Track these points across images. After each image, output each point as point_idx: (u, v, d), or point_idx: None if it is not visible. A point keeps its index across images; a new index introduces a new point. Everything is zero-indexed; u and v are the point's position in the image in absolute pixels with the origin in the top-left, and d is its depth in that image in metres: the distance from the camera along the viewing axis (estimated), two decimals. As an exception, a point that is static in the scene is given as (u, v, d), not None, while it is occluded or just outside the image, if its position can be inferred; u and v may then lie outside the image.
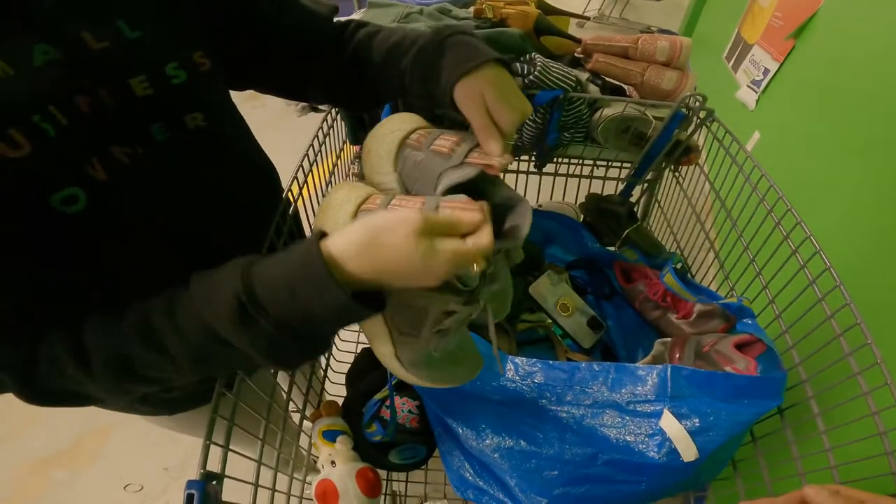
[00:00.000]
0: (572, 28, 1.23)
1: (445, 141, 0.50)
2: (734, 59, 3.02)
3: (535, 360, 0.63)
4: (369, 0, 1.05)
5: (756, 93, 2.20)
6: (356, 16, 1.01)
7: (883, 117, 1.14)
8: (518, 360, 0.63)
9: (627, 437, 0.57)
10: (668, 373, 0.59)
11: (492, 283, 0.46)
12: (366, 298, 0.37)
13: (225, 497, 0.45)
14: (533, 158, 0.95)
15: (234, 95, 0.57)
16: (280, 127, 2.52)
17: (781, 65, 2.07)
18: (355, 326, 0.50)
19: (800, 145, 1.63)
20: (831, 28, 1.75)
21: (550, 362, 0.62)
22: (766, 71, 2.22)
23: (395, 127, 0.54)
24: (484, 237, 0.37)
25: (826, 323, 0.58)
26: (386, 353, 0.50)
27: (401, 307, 0.46)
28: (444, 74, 0.49)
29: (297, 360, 0.41)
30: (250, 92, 0.61)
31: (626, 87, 0.92)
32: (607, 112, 0.84)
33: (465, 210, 0.40)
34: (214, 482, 0.45)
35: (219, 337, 0.37)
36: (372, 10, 1.01)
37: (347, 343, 0.92)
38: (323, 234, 0.38)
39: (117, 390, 0.41)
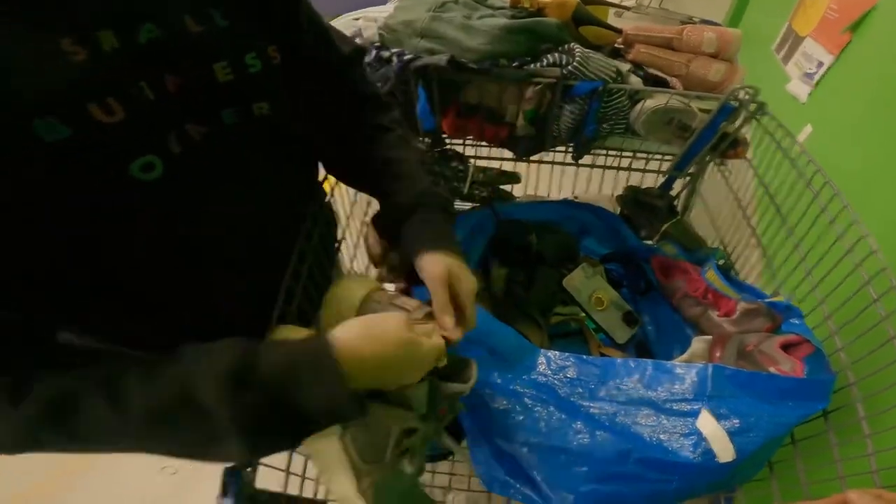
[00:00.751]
0: (611, 18, 1.19)
1: (406, 304, 0.55)
2: (784, 51, 2.94)
3: (567, 353, 0.62)
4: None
5: (809, 86, 2.13)
6: (390, 5, 1.00)
7: None
8: (550, 353, 0.63)
9: (661, 436, 0.56)
10: (710, 371, 0.58)
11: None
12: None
13: (258, 484, 0.47)
14: (570, 149, 0.94)
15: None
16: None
17: (837, 58, 2.01)
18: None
19: (854, 140, 1.59)
20: (892, 22, 1.69)
21: (584, 357, 0.62)
22: (820, 64, 2.16)
23: (358, 287, 0.58)
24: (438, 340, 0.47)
25: (879, 326, 0.56)
26: (346, 491, 0.45)
27: (363, 430, 0.47)
28: (411, 241, 0.56)
29: (273, 445, 0.40)
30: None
31: (669, 79, 0.90)
32: (649, 104, 0.82)
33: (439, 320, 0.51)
34: (250, 469, 0.47)
35: (192, 401, 0.35)
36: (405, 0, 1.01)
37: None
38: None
39: (26, 439, 0.36)
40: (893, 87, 1.45)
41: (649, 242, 0.95)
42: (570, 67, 0.81)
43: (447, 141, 0.92)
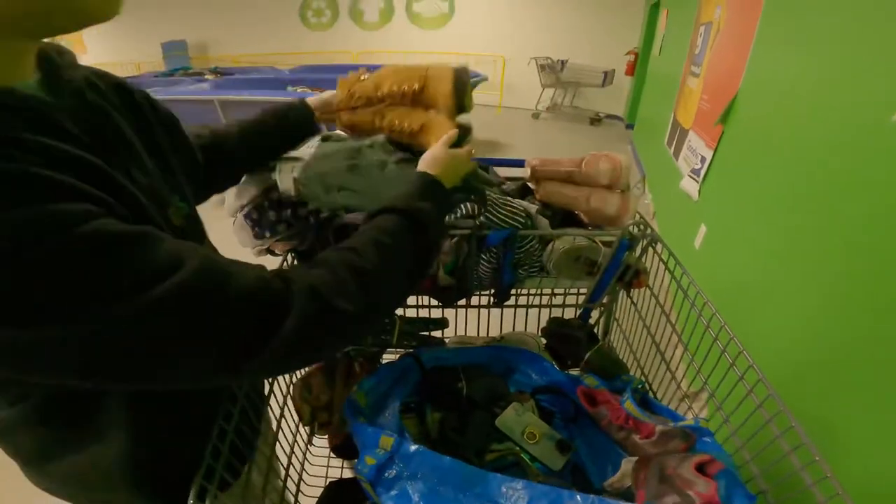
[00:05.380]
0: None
1: None
2: (674, 145, 3.18)
3: (520, 480, 0.68)
4: (324, 134, 1.09)
5: (697, 182, 2.25)
6: (306, 150, 1.03)
7: (819, 199, 1.24)
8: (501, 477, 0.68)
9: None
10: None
11: None
12: None
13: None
14: (493, 293, 0.99)
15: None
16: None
17: (715, 152, 2.11)
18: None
19: (744, 237, 1.69)
20: (754, 110, 1.81)
21: (535, 484, 0.67)
22: (703, 159, 2.25)
23: None
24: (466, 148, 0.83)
25: (774, 442, 0.68)
26: None
27: None
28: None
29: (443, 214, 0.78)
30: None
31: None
32: (558, 245, 0.91)
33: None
34: None
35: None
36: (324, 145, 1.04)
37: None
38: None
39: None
40: (768, 177, 1.57)
41: (575, 371, 0.99)
42: (481, 218, 0.87)
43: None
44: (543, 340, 1.13)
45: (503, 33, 8.83)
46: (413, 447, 0.72)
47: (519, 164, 1.17)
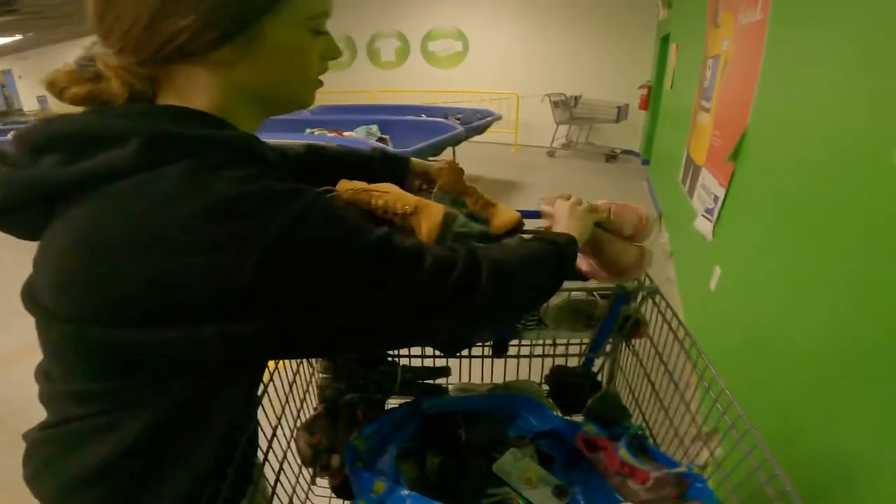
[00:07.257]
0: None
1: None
2: (688, 182, 3.19)
3: None
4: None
5: (711, 222, 2.25)
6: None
7: (833, 238, 1.24)
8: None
9: None
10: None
11: None
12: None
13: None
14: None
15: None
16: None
17: (728, 190, 2.10)
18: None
19: (759, 279, 1.69)
20: (764, 145, 1.79)
21: None
22: (716, 198, 2.24)
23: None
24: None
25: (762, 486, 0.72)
26: None
27: None
28: None
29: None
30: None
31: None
32: (553, 300, 0.94)
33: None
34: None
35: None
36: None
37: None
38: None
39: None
40: (781, 215, 1.56)
41: (578, 417, 1.03)
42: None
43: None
44: (546, 387, 1.16)
45: (517, 71, 9.07)
46: (405, 492, 0.76)
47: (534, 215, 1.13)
